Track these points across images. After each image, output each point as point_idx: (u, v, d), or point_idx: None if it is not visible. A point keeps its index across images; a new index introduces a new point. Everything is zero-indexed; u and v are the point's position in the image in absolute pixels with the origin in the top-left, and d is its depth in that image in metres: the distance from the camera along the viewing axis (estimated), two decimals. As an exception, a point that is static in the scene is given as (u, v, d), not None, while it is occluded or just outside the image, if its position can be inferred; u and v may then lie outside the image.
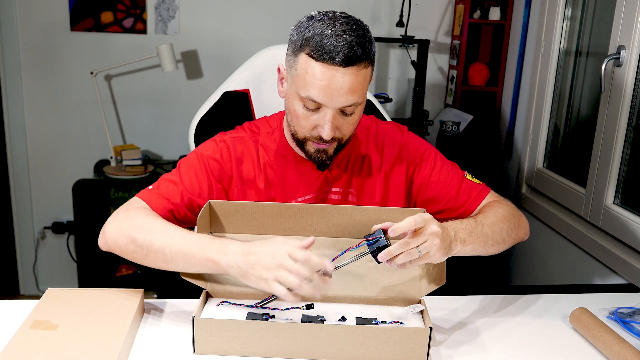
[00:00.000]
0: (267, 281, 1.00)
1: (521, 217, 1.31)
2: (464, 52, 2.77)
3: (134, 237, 1.11)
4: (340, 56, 1.08)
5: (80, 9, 2.74)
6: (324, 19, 1.12)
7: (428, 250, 1.03)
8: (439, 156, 1.35)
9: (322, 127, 1.15)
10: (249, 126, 1.33)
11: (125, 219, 1.15)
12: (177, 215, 1.22)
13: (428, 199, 1.32)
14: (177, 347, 1.05)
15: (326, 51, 1.09)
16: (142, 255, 1.11)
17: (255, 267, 1.01)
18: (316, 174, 1.29)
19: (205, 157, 1.26)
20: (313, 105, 1.14)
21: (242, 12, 2.84)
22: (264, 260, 1.00)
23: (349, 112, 1.16)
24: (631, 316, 1.23)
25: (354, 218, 1.15)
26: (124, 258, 1.15)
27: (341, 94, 1.11)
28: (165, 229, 1.11)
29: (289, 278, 0.98)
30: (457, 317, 1.22)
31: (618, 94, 1.83)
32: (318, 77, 1.10)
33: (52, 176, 2.93)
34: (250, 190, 1.28)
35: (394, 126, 1.37)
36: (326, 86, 1.10)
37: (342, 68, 1.09)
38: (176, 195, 1.22)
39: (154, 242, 1.09)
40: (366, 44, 1.11)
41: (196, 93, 2.83)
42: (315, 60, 1.10)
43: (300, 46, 1.12)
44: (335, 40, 1.09)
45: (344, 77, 1.10)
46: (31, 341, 0.97)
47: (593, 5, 2.19)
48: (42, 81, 2.81)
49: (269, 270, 0.99)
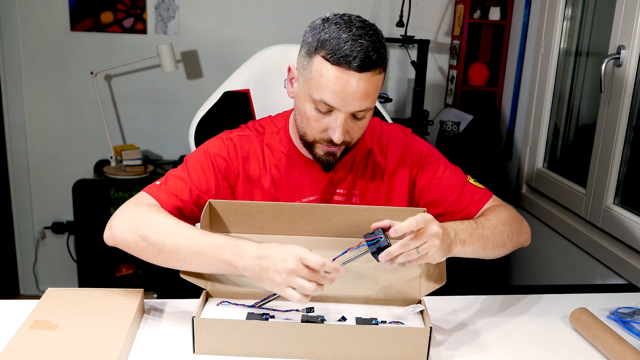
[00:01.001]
0: (281, 287, 1.01)
1: (523, 222, 1.31)
2: (464, 52, 2.77)
3: (144, 235, 1.10)
4: (357, 61, 1.08)
5: (80, 9, 2.74)
6: (340, 23, 1.11)
7: (427, 251, 1.03)
8: (442, 159, 1.35)
9: (333, 131, 1.15)
10: (253, 125, 1.33)
11: (134, 214, 1.14)
12: (184, 212, 1.22)
13: (430, 202, 1.32)
14: (177, 347, 1.05)
15: (343, 55, 1.08)
16: (153, 254, 1.10)
17: (269, 272, 1.01)
18: (321, 175, 1.29)
19: (213, 155, 1.26)
20: (325, 108, 1.14)
21: (242, 12, 2.84)
22: (276, 265, 1.00)
23: (360, 116, 1.16)
24: (631, 316, 1.23)
25: (354, 218, 1.15)
26: (124, 257, 1.15)
27: (355, 98, 1.11)
28: (178, 228, 1.10)
29: (303, 284, 0.99)
30: (457, 317, 1.22)
31: (618, 94, 1.83)
32: (333, 81, 1.10)
33: (52, 176, 2.93)
34: (256, 190, 1.28)
35: (398, 128, 1.37)
36: (340, 90, 1.10)
37: (357, 73, 1.09)
38: (185, 192, 1.21)
39: (167, 241, 1.08)
40: (381, 50, 1.12)
41: (196, 93, 2.83)
42: (330, 64, 1.10)
43: (316, 49, 1.12)
44: (352, 44, 1.08)
45: (359, 82, 1.10)
46: (31, 341, 0.97)
47: (593, 5, 2.19)
48: (42, 81, 2.81)
49: (281, 276, 1.00)
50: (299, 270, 0.99)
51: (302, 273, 0.99)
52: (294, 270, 0.99)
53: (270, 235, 1.18)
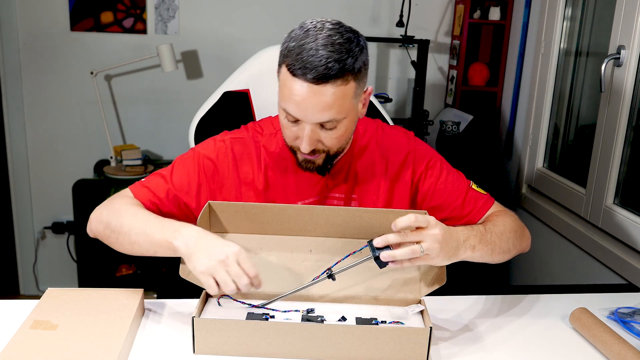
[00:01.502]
0: (204, 273, 1.00)
1: (525, 229, 1.31)
2: (464, 52, 2.77)
3: (108, 222, 1.14)
4: (313, 73, 1.05)
5: (80, 9, 2.74)
6: (310, 30, 1.08)
7: (429, 252, 1.03)
8: (445, 164, 1.34)
9: (300, 140, 1.14)
10: (253, 126, 1.32)
11: (105, 206, 1.19)
12: (162, 208, 1.23)
13: (433, 207, 1.31)
14: (177, 347, 1.05)
15: (300, 67, 1.06)
16: (114, 239, 1.14)
17: (200, 254, 1.01)
18: (316, 179, 1.28)
19: (201, 156, 1.26)
20: (292, 118, 1.13)
21: (242, 12, 2.84)
22: (210, 251, 1.01)
23: (329, 127, 1.13)
24: (631, 316, 1.23)
25: (354, 219, 1.15)
26: (124, 257, 1.16)
27: (315, 111, 1.09)
28: (136, 212, 1.14)
29: (227, 281, 0.99)
30: (457, 317, 1.22)
31: (618, 94, 1.83)
32: (293, 92, 1.08)
33: (52, 176, 2.93)
34: (249, 192, 1.27)
35: (401, 132, 1.35)
36: (299, 102, 1.08)
37: (314, 85, 1.06)
38: (162, 191, 1.23)
39: (124, 224, 1.12)
40: (348, 59, 1.06)
41: (196, 93, 2.83)
42: (291, 75, 1.08)
43: (283, 57, 1.11)
44: (311, 55, 1.05)
45: (317, 95, 1.07)
46: (31, 341, 0.97)
47: (593, 5, 2.19)
48: (42, 81, 2.81)
49: (209, 262, 1.00)
50: (229, 264, 0.99)
51: (231, 269, 0.99)
52: (225, 262, 0.99)
53: (270, 236, 1.18)
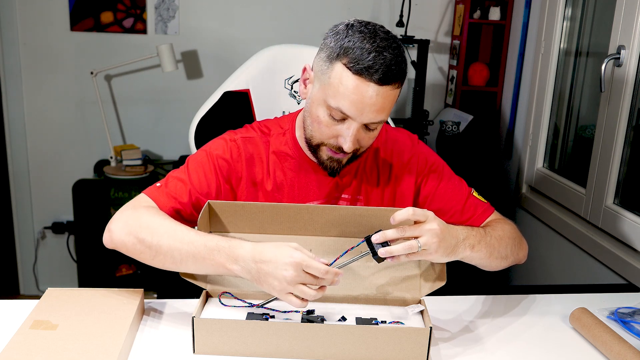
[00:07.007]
0: (281, 293, 1.01)
1: (522, 240, 1.32)
2: (464, 52, 2.77)
3: (141, 237, 1.09)
4: (379, 74, 1.08)
5: (80, 9, 2.74)
6: (364, 32, 1.10)
7: (427, 247, 1.03)
8: (447, 169, 1.34)
9: (344, 139, 1.14)
10: (258, 126, 1.31)
11: (132, 217, 1.13)
12: (184, 214, 1.21)
13: (433, 211, 1.31)
14: (177, 347, 1.05)
15: (365, 66, 1.07)
16: (151, 256, 1.10)
17: (268, 277, 1.01)
18: (327, 180, 1.28)
19: (215, 157, 1.24)
20: (340, 116, 1.13)
21: (242, 12, 2.84)
22: (276, 272, 1.00)
23: (372, 127, 1.15)
24: (631, 316, 1.23)
25: (354, 218, 1.15)
26: (124, 257, 1.15)
27: (372, 110, 1.11)
28: (173, 230, 1.10)
29: (305, 291, 0.99)
30: (457, 317, 1.22)
31: (618, 94, 1.83)
32: (352, 90, 1.09)
33: (52, 176, 2.93)
34: (260, 193, 1.27)
35: (405, 134, 1.36)
36: (358, 101, 1.10)
37: (377, 85, 1.09)
38: (184, 195, 1.20)
39: (162, 243, 1.08)
40: (402, 64, 1.11)
41: (196, 93, 2.83)
42: (352, 73, 1.09)
43: (338, 55, 1.11)
44: (376, 56, 1.08)
45: (378, 95, 1.09)
46: (31, 341, 0.97)
47: (593, 5, 2.19)
48: (42, 81, 2.81)
49: (281, 284, 1.00)
50: (300, 277, 0.99)
51: (304, 280, 0.99)
52: (295, 278, 0.99)
53: (270, 235, 1.18)
